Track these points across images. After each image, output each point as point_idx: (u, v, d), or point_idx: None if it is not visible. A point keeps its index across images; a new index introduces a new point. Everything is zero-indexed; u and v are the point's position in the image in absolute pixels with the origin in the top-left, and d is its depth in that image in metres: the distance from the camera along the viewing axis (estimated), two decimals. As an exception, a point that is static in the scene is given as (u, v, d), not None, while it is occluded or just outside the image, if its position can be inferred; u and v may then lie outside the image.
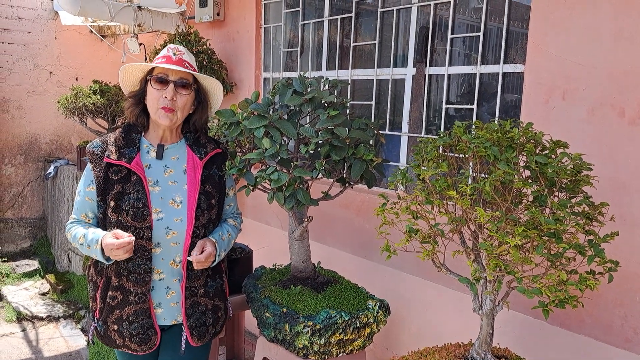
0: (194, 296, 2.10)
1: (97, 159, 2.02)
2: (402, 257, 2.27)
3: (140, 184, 1.99)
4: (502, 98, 2.73)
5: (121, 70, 2.09)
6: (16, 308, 4.96)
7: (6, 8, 5.98)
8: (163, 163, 2.09)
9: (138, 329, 2.02)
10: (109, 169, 2.00)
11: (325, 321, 2.17)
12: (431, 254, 1.89)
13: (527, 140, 1.79)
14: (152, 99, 2.04)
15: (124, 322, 2.02)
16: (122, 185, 1.98)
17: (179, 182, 2.08)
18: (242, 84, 4.45)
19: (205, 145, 2.16)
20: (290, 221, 2.43)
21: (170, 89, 2.00)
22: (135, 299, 2.01)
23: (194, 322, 2.10)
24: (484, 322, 1.96)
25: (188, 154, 2.12)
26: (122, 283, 2.01)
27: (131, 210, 1.96)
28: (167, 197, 2.04)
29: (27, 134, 6.31)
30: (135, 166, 2.00)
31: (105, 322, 2.06)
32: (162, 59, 2.04)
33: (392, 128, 3.32)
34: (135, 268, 1.99)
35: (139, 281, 2.00)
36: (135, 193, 1.98)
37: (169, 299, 2.07)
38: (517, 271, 1.67)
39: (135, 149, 2.04)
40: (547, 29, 2.41)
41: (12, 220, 6.34)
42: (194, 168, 2.09)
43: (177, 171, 2.10)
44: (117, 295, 2.03)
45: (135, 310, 2.02)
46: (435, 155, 1.87)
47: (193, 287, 2.09)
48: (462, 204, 1.69)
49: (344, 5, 3.66)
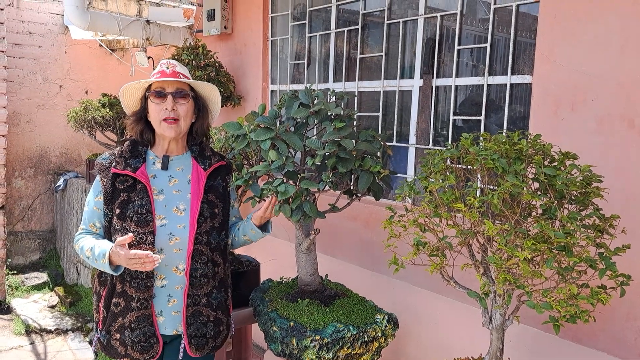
0: (196, 305, 2.09)
1: (105, 170, 2.08)
2: (411, 269, 2.24)
3: (145, 192, 2.04)
4: (510, 109, 2.71)
5: (121, 92, 2.17)
6: (25, 321, 4.96)
7: (17, 23, 6.06)
8: (168, 173, 2.14)
9: (140, 337, 2.03)
10: (116, 179, 2.06)
11: (333, 335, 2.15)
12: (439, 267, 1.86)
13: (535, 152, 1.77)
14: (153, 113, 2.10)
15: (126, 330, 2.03)
16: (128, 193, 2.04)
17: (183, 191, 2.13)
18: (249, 96, 4.47)
19: (210, 157, 2.21)
20: (297, 234, 2.41)
21: (169, 100, 2.06)
22: (137, 305, 2.02)
23: (194, 331, 2.09)
24: (494, 337, 1.93)
25: (193, 166, 2.17)
26: (125, 289, 2.03)
27: (135, 216, 2.00)
28: (171, 205, 2.08)
29: (37, 147, 6.35)
30: (140, 175, 2.05)
31: (109, 332, 2.07)
32: (157, 75, 2.11)
33: (400, 140, 3.31)
34: (137, 273, 2.01)
35: (141, 286, 2.02)
36: (139, 200, 2.03)
37: (170, 307, 2.07)
38: (526, 285, 1.64)
39: (140, 160, 2.10)
40: (555, 40, 2.39)
41: (22, 232, 6.37)
42: (198, 178, 2.14)
43: (182, 181, 2.14)
44: (120, 301, 2.05)
45: (138, 316, 2.03)
46: (443, 167, 1.86)
47: (196, 295, 2.08)
48: (470, 216, 1.67)
49: (350, 17, 3.67)
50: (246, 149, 2.29)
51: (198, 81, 2.17)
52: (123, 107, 2.22)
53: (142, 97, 2.15)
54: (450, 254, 1.89)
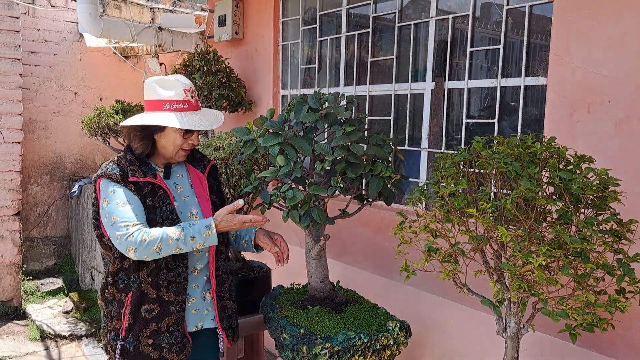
0: (222, 300, 2.21)
1: (123, 179, 2.01)
2: (424, 276, 2.20)
3: (167, 197, 2.07)
4: (524, 112, 2.65)
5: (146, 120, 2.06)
6: (40, 326, 4.99)
7: (33, 31, 6.13)
8: (172, 181, 2.17)
9: (178, 338, 2.07)
10: (135, 187, 2.03)
11: (344, 343, 2.11)
12: (452, 274, 1.82)
13: (550, 155, 1.72)
14: (176, 142, 2.09)
15: (163, 334, 2.05)
16: (152, 199, 2.05)
17: (190, 196, 2.18)
18: (260, 101, 4.46)
19: (201, 159, 2.28)
20: (307, 240, 2.39)
21: (195, 136, 2.14)
22: (176, 308, 2.07)
23: (226, 325, 2.22)
24: (509, 345, 1.88)
25: (190, 170, 2.22)
26: (161, 295, 2.05)
27: (166, 222, 2.02)
28: (185, 210, 2.13)
29: (53, 154, 6.42)
30: (160, 181, 2.08)
31: (137, 338, 2.05)
32: (182, 104, 2.06)
33: (412, 143, 3.27)
34: (175, 277, 2.06)
35: (180, 290, 2.07)
36: (166, 206, 2.05)
37: (189, 306, 2.14)
38: (542, 292, 1.59)
39: (152, 167, 2.11)
40: (569, 41, 2.34)
41: (38, 238, 6.43)
42: (200, 181, 2.21)
43: (185, 187, 2.19)
44: (154, 307, 2.05)
45: (176, 319, 2.07)
46: (454, 171, 1.82)
47: (221, 291, 2.20)
48: (483, 222, 1.63)
49: (361, 21, 3.64)
50: (255, 154, 2.27)
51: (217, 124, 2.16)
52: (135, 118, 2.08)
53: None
54: (463, 260, 1.85)
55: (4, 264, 5.26)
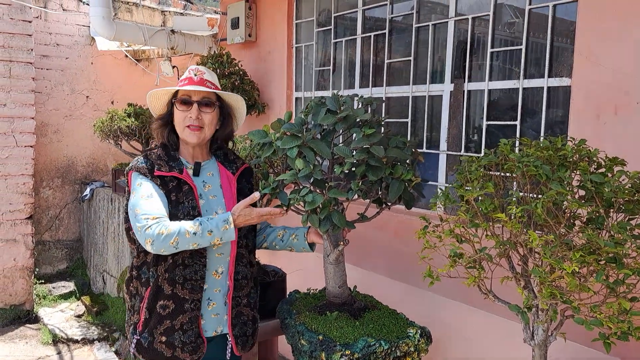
0: (238, 306, 2.17)
1: (149, 172, 2.05)
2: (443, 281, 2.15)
3: (191, 194, 2.06)
4: (547, 113, 2.59)
5: (148, 96, 2.19)
6: (52, 330, 4.98)
7: (45, 35, 6.15)
8: (201, 179, 2.15)
9: (191, 337, 2.04)
10: (161, 182, 2.05)
11: (364, 350, 2.06)
12: (477, 280, 1.77)
13: (580, 158, 1.66)
14: (178, 119, 2.13)
15: (177, 332, 2.03)
16: (176, 194, 2.04)
17: (218, 196, 2.16)
18: (273, 104, 4.42)
19: (235, 161, 2.27)
20: (325, 244, 2.34)
21: (194, 109, 2.09)
22: (190, 306, 2.05)
23: (238, 331, 2.16)
24: (536, 354, 1.82)
25: (221, 171, 2.21)
26: (176, 291, 2.03)
27: (187, 218, 2.00)
28: (211, 210, 2.11)
29: (65, 157, 6.42)
30: (186, 177, 2.07)
31: (152, 334, 2.05)
32: (184, 81, 2.14)
33: (430, 146, 3.22)
34: (192, 275, 2.03)
35: (195, 288, 2.05)
36: (189, 202, 2.04)
37: (210, 310, 2.11)
38: (573, 300, 1.54)
39: (180, 163, 2.11)
40: (595, 40, 2.28)
41: (50, 242, 6.43)
42: (229, 182, 2.19)
43: (214, 186, 2.18)
44: (169, 304, 2.04)
45: (190, 318, 2.04)
46: (480, 174, 1.76)
47: (238, 297, 2.16)
48: (512, 227, 1.57)
49: (376, 22, 3.60)
50: (272, 157, 2.23)
51: (224, 92, 2.18)
52: (150, 110, 2.25)
53: (169, 102, 2.18)
54: (488, 265, 1.79)
55: (17, 267, 5.27)
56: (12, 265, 5.24)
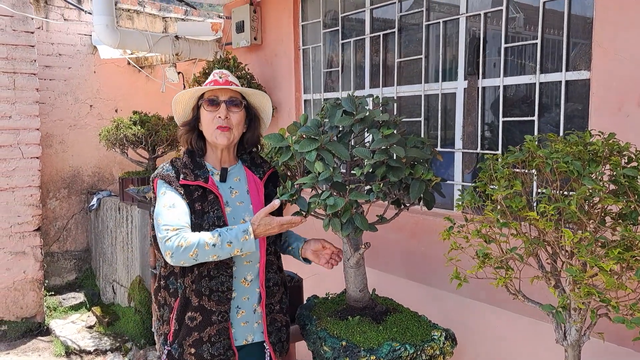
0: (272, 313, 2.15)
1: (174, 181, 2.03)
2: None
3: (217, 203, 2.02)
4: (566, 108, 2.55)
5: (173, 102, 2.16)
6: (64, 342, 4.94)
7: (47, 45, 6.12)
8: (228, 185, 2.12)
9: (220, 350, 2.01)
10: (186, 191, 2.02)
11: (389, 355, 2.02)
12: (506, 280, 1.72)
13: (610, 152, 1.62)
14: (206, 121, 2.09)
15: (205, 344, 2.00)
16: (201, 204, 2.01)
17: (245, 202, 2.13)
18: (282, 107, 4.39)
19: (262, 165, 2.23)
20: (345, 248, 2.30)
21: (222, 109, 2.07)
22: (218, 318, 2.01)
23: (275, 338, 2.15)
24: (570, 354, 1.78)
25: (248, 175, 2.18)
26: (203, 303, 2.00)
27: (212, 228, 1.96)
28: (238, 217, 2.08)
29: (70, 168, 6.39)
30: (212, 185, 2.04)
31: (181, 345, 2.03)
32: (210, 84, 2.11)
33: (444, 144, 3.18)
34: (218, 286, 2.00)
35: (222, 299, 2.01)
36: (214, 212, 2.00)
37: (239, 319, 2.08)
38: (611, 298, 1.49)
39: (206, 171, 2.08)
40: (615, 30, 2.23)
41: (58, 253, 6.40)
42: (256, 188, 2.16)
43: (242, 192, 2.14)
44: (196, 316, 2.01)
45: (218, 330, 2.01)
46: (507, 172, 1.72)
47: (271, 304, 2.14)
48: (545, 225, 1.53)
49: (385, 21, 3.56)
50: (290, 162, 2.19)
51: (250, 89, 2.17)
52: (175, 117, 2.22)
53: (195, 107, 2.15)
54: (516, 265, 1.75)
55: (27, 280, 5.23)
56: (22, 277, 5.21)
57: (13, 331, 5.14)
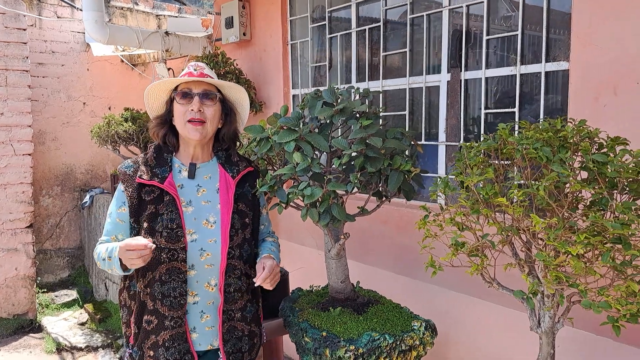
0: (231, 320, 2.03)
1: (129, 180, 1.97)
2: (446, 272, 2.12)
3: (173, 205, 1.93)
4: (546, 99, 2.56)
5: (146, 93, 2.08)
6: (56, 339, 4.95)
7: (40, 43, 6.12)
8: (196, 182, 2.03)
9: (175, 355, 1.94)
10: (142, 190, 1.95)
11: (368, 345, 2.03)
12: (480, 268, 1.73)
13: (580, 138, 1.63)
14: (178, 114, 2.01)
15: (160, 348, 1.94)
16: (155, 205, 1.93)
17: (212, 201, 2.02)
18: (270, 102, 4.40)
19: (237, 163, 2.11)
20: (326, 239, 2.31)
21: (195, 101, 1.98)
22: (171, 323, 1.94)
23: (231, 348, 2.02)
24: (544, 341, 1.79)
25: (220, 173, 2.07)
26: (157, 307, 1.94)
27: (165, 231, 1.90)
28: (201, 217, 1.98)
29: (63, 165, 6.39)
30: (168, 186, 1.95)
31: (141, 348, 1.99)
32: (184, 76, 2.05)
33: (429, 138, 3.19)
34: (170, 291, 1.92)
35: (175, 305, 1.93)
36: (168, 214, 1.92)
37: (203, 323, 2.00)
38: (580, 283, 1.50)
39: (167, 169, 1.99)
40: (593, 20, 2.25)
41: (51, 250, 6.40)
42: (227, 187, 2.04)
43: (210, 190, 2.04)
44: (152, 319, 1.96)
45: (172, 335, 1.94)
46: (480, 160, 1.73)
47: (230, 310, 2.02)
48: (514, 211, 1.54)
49: (371, 15, 3.57)
50: (269, 153, 2.19)
51: (226, 82, 2.08)
52: (147, 110, 2.14)
53: (168, 100, 2.08)
54: (491, 253, 1.76)
55: (19, 277, 5.23)
56: (14, 274, 5.21)
57: (4, 328, 5.14)
